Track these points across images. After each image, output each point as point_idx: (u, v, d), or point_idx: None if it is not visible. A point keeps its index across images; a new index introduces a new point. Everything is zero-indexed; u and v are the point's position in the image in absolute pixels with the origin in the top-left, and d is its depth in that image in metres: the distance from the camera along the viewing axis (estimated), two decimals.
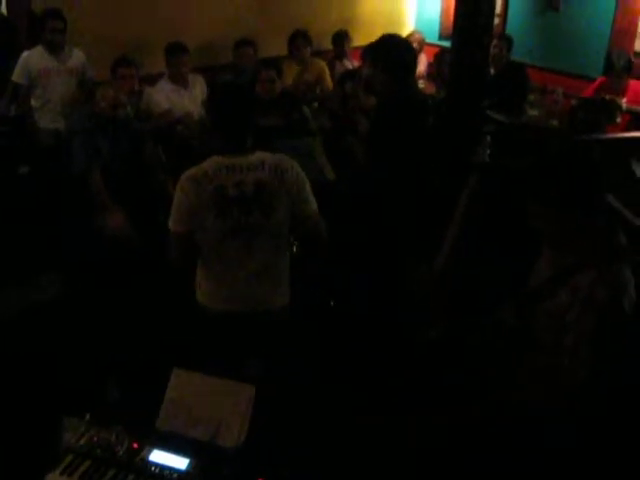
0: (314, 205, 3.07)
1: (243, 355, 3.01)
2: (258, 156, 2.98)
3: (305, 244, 3.27)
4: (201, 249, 3.02)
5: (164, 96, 5.63)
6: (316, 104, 6.41)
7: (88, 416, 2.40)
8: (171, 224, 2.96)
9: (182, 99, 5.70)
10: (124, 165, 4.58)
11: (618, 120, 5.81)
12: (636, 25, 6.63)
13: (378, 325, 3.70)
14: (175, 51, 5.70)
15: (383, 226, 3.84)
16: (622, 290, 2.30)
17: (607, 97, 5.63)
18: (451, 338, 2.89)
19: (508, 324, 2.64)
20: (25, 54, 5.46)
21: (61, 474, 2.24)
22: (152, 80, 5.80)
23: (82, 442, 2.32)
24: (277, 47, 6.80)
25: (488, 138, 3.52)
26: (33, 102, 5.57)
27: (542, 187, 2.38)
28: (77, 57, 5.63)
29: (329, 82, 6.74)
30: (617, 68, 5.87)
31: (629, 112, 5.85)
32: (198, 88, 5.89)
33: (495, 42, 6.64)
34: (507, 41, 6.80)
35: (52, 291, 4.20)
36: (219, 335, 3.07)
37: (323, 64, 6.83)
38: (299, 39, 6.65)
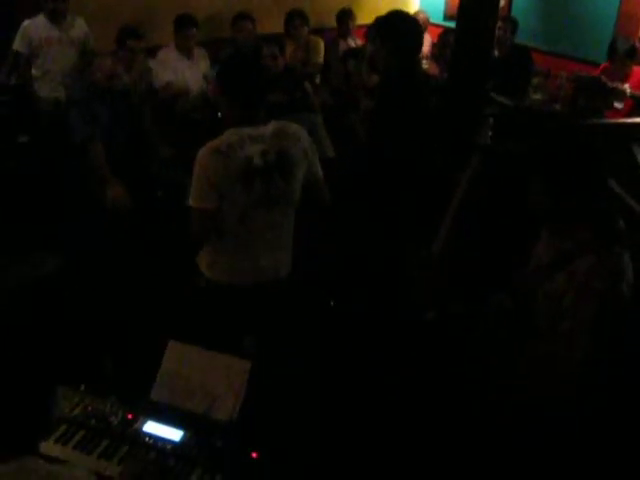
0: (320, 170, 3.16)
1: (250, 328, 3.01)
2: (275, 125, 3.00)
3: (311, 209, 3.25)
4: (222, 223, 2.98)
5: (169, 66, 5.62)
6: (318, 80, 6.38)
7: (83, 386, 2.41)
8: (194, 201, 2.91)
9: (186, 70, 5.69)
10: (123, 136, 4.56)
11: (620, 106, 5.79)
12: None
13: (377, 308, 3.70)
14: (186, 23, 5.68)
15: (384, 206, 3.82)
16: (621, 276, 2.30)
17: (608, 83, 5.61)
18: (450, 323, 2.90)
19: (505, 308, 2.64)
20: (26, 23, 5.41)
21: (55, 443, 2.26)
22: (154, 52, 5.76)
23: (76, 412, 2.34)
24: (278, 23, 6.73)
25: (491, 120, 3.51)
26: (34, 71, 5.52)
27: (543, 171, 2.38)
28: (79, 26, 5.59)
29: (320, 58, 6.69)
30: (620, 54, 5.84)
31: (632, 97, 5.82)
32: (202, 62, 5.87)
33: (500, 24, 6.58)
34: (512, 23, 6.75)
35: (50, 264, 4.19)
36: (227, 309, 3.06)
37: (320, 41, 6.76)
38: (296, 19, 6.59)
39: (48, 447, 2.24)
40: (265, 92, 3.03)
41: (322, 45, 6.73)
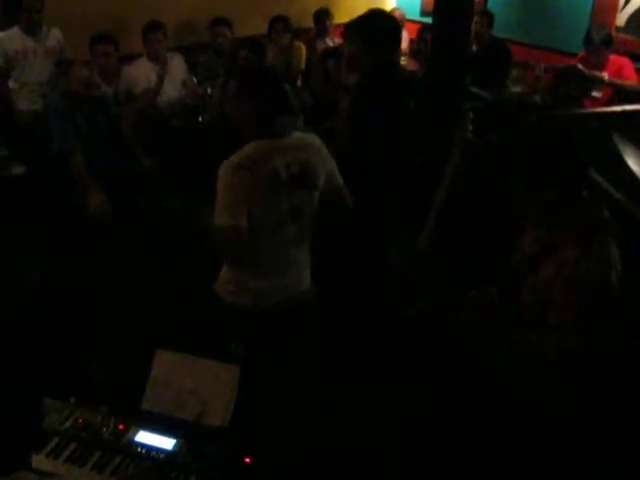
0: (339, 175, 3.14)
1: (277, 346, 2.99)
2: (297, 136, 2.98)
3: (333, 215, 3.23)
4: (250, 242, 2.89)
5: (143, 75, 5.58)
6: (299, 82, 6.38)
7: (73, 399, 2.40)
8: (223, 219, 2.79)
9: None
10: (102, 145, 4.54)
11: (599, 95, 5.83)
12: (617, 0, 6.62)
13: (363, 305, 3.69)
14: (150, 29, 5.69)
15: (367, 206, 3.80)
16: (608, 265, 2.31)
17: (585, 71, 5.64)
18: (434, 315, 2.89)
19: (491, 299, 2.65)
20: (1, 35, 5.37)
21: (46, 457, 2.24)
22: (129, 60, 5.75)
23: (67, 425, 2.33)
24: (257, 26, 6.73)
25: (471, 114, 3.50)
26: (11, 84, 5.47)
27: (522, 163, 2.39)
28: (54, 37, 5.55)
29: (302, 63, 6.70)
30: (596, 43, 5.87)
31: (611, 85, 5.86)
32: (178, 67, 5.85)
33: (477, 18, 6.61)
34: (489, 17, 6.79)
35: (35, 273, 4.18)
36: (253, 331, 3.01)
37: (302, 47, 6.76)
38: (279, 24, 6.58)
39: (40, 461, 2.23)
40: (286, 105, 2.95)
41: (304, 50, 6.74)
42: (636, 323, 2.79)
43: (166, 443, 2.26)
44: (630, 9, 6.53)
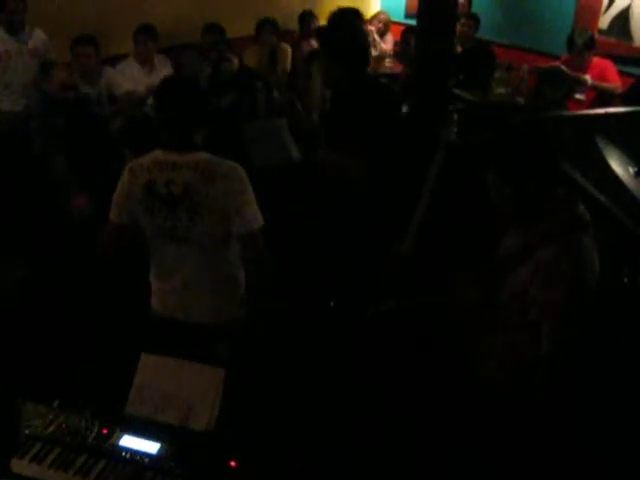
0: (254, 222, 2.81)
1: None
2: (197, 157, 2.80)
3: (244, 263, 3.00)
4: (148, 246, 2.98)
5: (129, 77, 5.56)
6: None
7: (56, 403, 2.38)
8: (111, 215, 2.92)
9: (148, 79, 5.63)
10: (85, 146, 4.52)
11: (583, 97, 5.86)
12: (600, 2, 6.66)
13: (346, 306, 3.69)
14: (142, 33, 5.69)
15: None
16: (585, 263, 2.32)
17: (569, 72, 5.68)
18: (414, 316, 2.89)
19: (472, 301, 2.64)
20: None
21: (30, 462, 2.22)
22: (114, 62, 5.73)
23: (51, 429, 2.31)
24: (245, 27, 6.72)
25: (455, 116, 3.52)
26: None
27: (503, 162, 2.40)
28: (38, 37, 5.51)
29: (287, 65, 6.69)
30: (578, 45, 5.91)
31: (594, 88, 5.89)
32: (164, 70, 5.82)
33: (463, 20, 6.67)
34: (475, 19, 6.82)
35: (14, 275, 4.15)
36: (161, 337, 2.98)
37: (287, 49, 6.76)
38: (266, 26, 6.58)
39: (23, 466, 2.20)
40: (193, 121, 2.82)
41: (289, 52, 6.74)
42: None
43: (150, 447, 2.25)
44: (613, 12, 6.57)
